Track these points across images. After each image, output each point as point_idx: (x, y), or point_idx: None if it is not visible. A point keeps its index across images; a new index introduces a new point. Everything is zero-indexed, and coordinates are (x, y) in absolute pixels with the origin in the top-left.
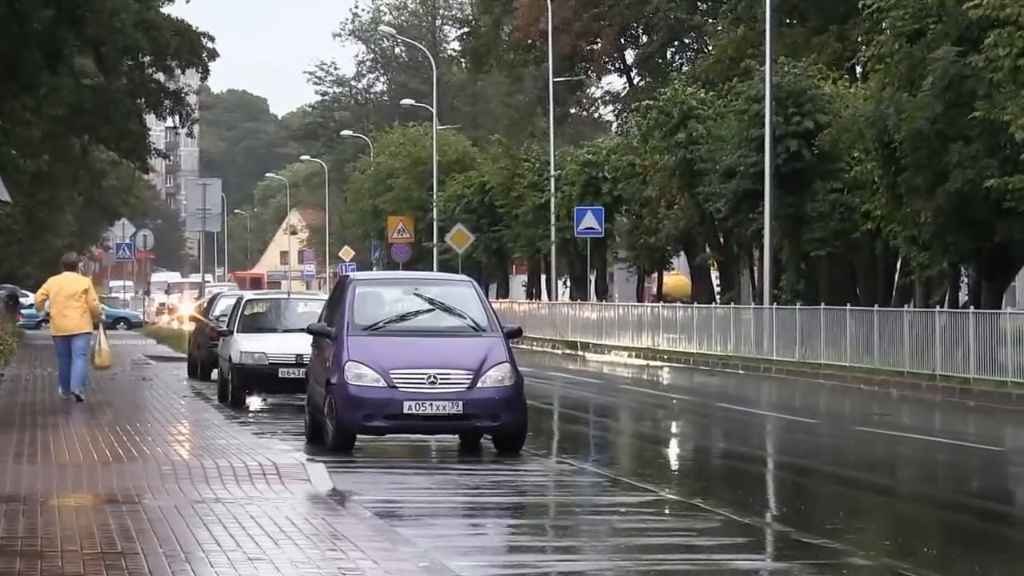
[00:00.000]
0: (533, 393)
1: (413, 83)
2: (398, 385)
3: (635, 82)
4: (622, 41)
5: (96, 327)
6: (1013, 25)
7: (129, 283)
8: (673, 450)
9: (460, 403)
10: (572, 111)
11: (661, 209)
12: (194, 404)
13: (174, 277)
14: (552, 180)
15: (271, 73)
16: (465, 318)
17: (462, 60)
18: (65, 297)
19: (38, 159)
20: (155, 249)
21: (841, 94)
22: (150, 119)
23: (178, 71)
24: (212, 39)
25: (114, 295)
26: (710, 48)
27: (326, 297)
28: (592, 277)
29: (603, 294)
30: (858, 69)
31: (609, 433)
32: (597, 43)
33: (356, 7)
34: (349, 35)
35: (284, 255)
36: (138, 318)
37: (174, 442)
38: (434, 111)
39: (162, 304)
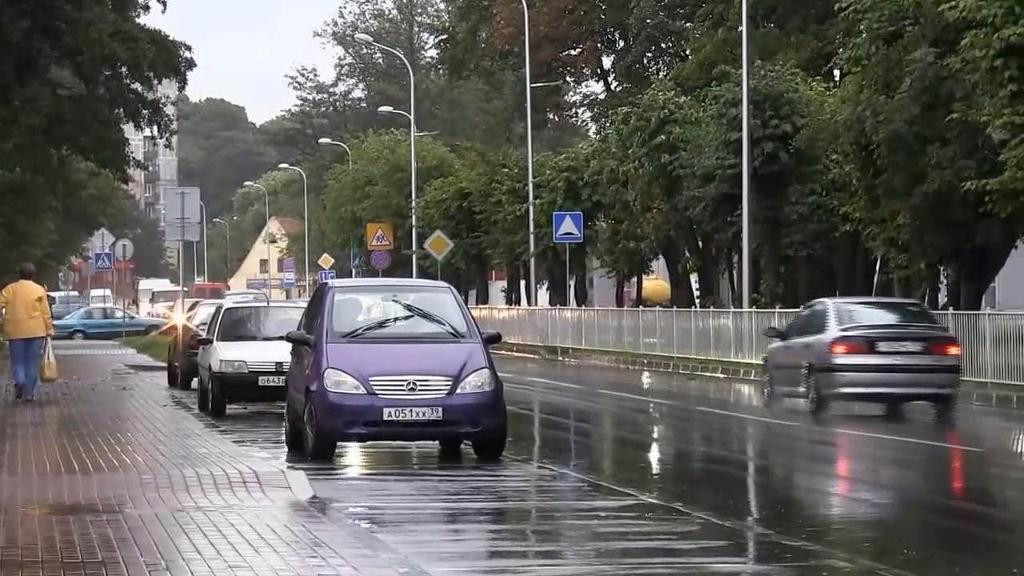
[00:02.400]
0: (513, 398)
1: (391, 90)
2: (378, 392)
3: (613, 87)
4: (599, 46)
5: (46, 337)
6: (989, 26)
7: (108, 292)
8: (654, 454)
9: (440, 409)
10: (550, 117)
11: (640, 213)
12: (174, 413)
13: (162, 284)
14: (531, 189)
15: (249, 82)
16: (444, 324)
17: (439, 67)
18: (24, 303)
19: (15, 170)
20: (135, 259)
21: (818, 97)
22: (128, 129)
23: (156, 81)
24: (189, 48)
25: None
26: (688, 53)
27: (304, 305)
28: (572, 282)
29: (583, 299)
30: (835, 72)
31: (589, 438)
32: (575, 49)
33: (342, 7)
34: (331, 36)
35: (264, 263)
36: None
37: (155, 451)
38: (412, 118)
39: (149, 315)
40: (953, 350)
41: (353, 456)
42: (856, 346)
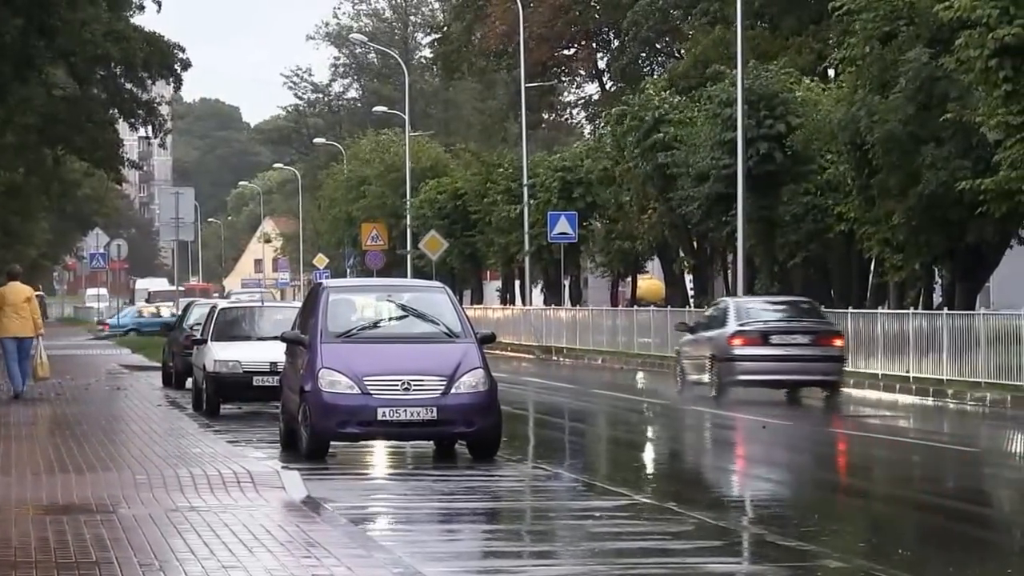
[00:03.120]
0: (507, 398)
1: (385, 90)
2: (372, 392)
3: (608, 87)
4: (594, 46)
5: (37, 337)
6: (984, 27)
7: (103, 291)
8: (648, 454)
9: (434, 409)
10: (545, 117)
11: (635, 214)
12: (169, 413)
13: (160, 284)
14: (525, 190)
15: (244, 82)
16: (438, 324)
17: (434, 67)
18: (14, 304)
19: (11, 171)
20: (129, 258)
21: (813, 97)
22: (123, 129)
23: (150, 82)
24: (183, 49)
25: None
26: (682, 53)
27: (298, 305)
28: (566, 282)
29: (577, 299)
30: (831, 72)
31: (584, 437)
32: (570, 49)
33: (336, 8)
34: (323, 38)
35: (258, 263)
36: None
37: (149, 451)
38: (406, 118)
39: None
40: (838, 342)
41: (347, 456)
42: (751, 339)
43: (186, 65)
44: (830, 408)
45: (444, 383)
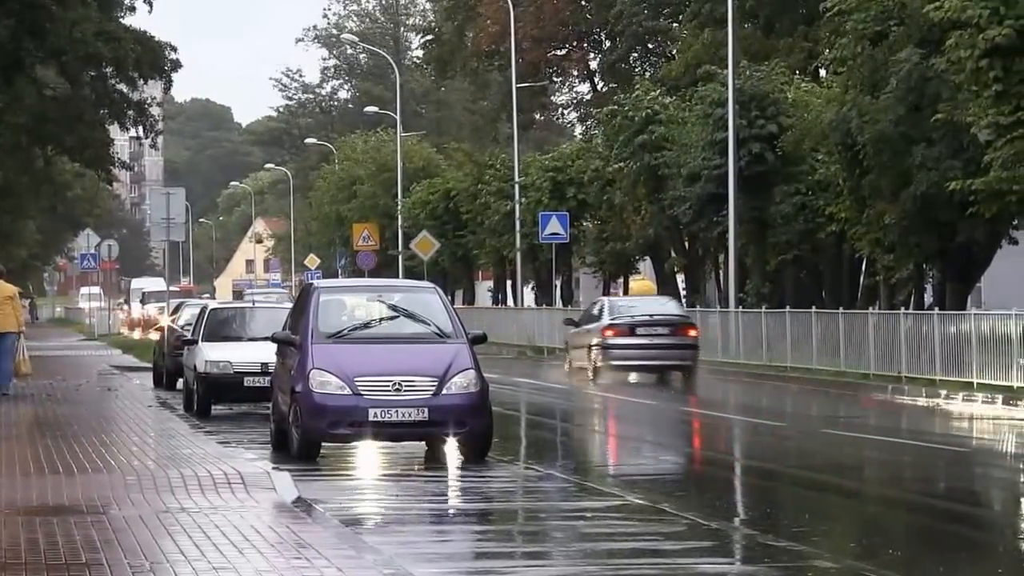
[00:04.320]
0: (499, 399)
1: (377, 90)
2: (363, 392)
3: (599, 88)
4: (585, 46)
5: (19, 335)
6: (974, 27)
7: (95, 290)
8: (640, 454)
9: (425, 410)
10: (537, 117)
11: (628, 215)
12: (159, 414)
13: (155, 284)
14: (517, 188)
15: (235, 82)
16: (429, 325)
17: (425, 67)
18: None
19: (1, 171)
20: (120, 259)
21: (804, 97)
22: (114, 130)
23: (141, 81)
24: (174, 50)
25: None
26: (674, 53)
27: (289, 305)
28: (558, 282)
29: (569, 299)
30: (822, 72)
31: (575, 438)
32: (561, 49)
33: (326, 9)
34: (313, 40)
35: (250, 263)
36: None
37: (139, 452)
38: (398, 118)
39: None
40: (692, 332)
41: (338, 457)
42: (621, 331)
43: (177, 65)
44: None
45: (435, 384)
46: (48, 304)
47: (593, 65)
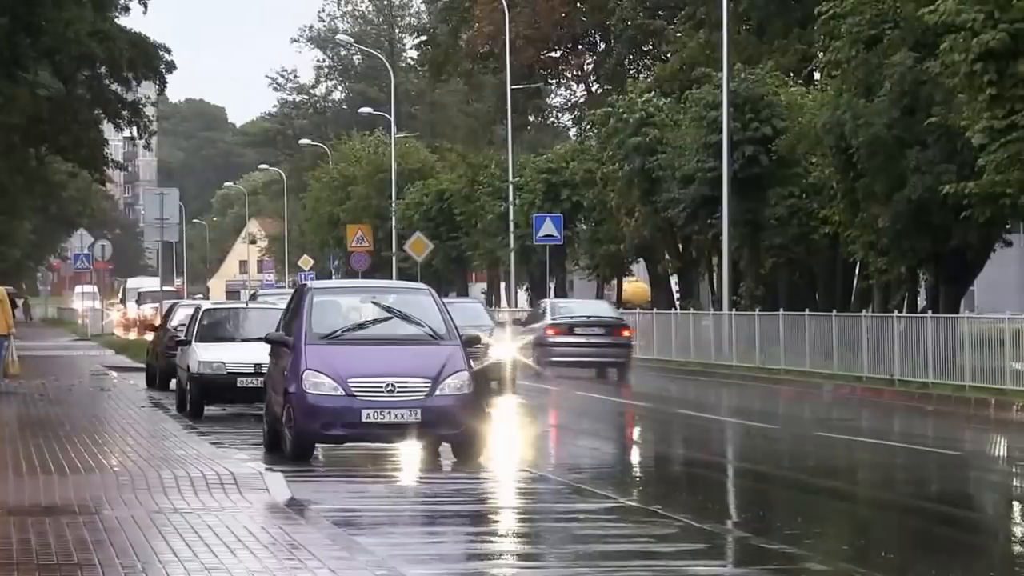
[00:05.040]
0: (491, 400)
1: (371, 91)
2: (356, 393)
3: (594, 90)
4: (580, 48)
5: (8, 337)
6: (969, 31)
7: (89, 288)
8: (633, 456)
9: (419, 411)
10: (531, 119)
11: (622, 217)
12: (152, 414)
13: (152, 284)
14: (511, 188)
15: (229, 82)
16: (423, 326)
17: (420, 68)
18: None
19: None
20: (114, 259)
21: (798, 100)
22: (108, 130)
23: (135, 82)
24: (168, 51)
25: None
26: (669, 55)
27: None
28: (551, 284)
29: None
30: (816, 75)
31: (569, 440)
32: (556, 51)
33: (321, 11)
34: (307, 41)
35: (243, 264)
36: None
37: (132, 452)
38: (392, 119)
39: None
40: (626, 333)
41: (331, 458)
42: (561, 330)
43: (171, 67)
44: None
45: (429, 385)
46: (41, 304)
47: (588, 67)
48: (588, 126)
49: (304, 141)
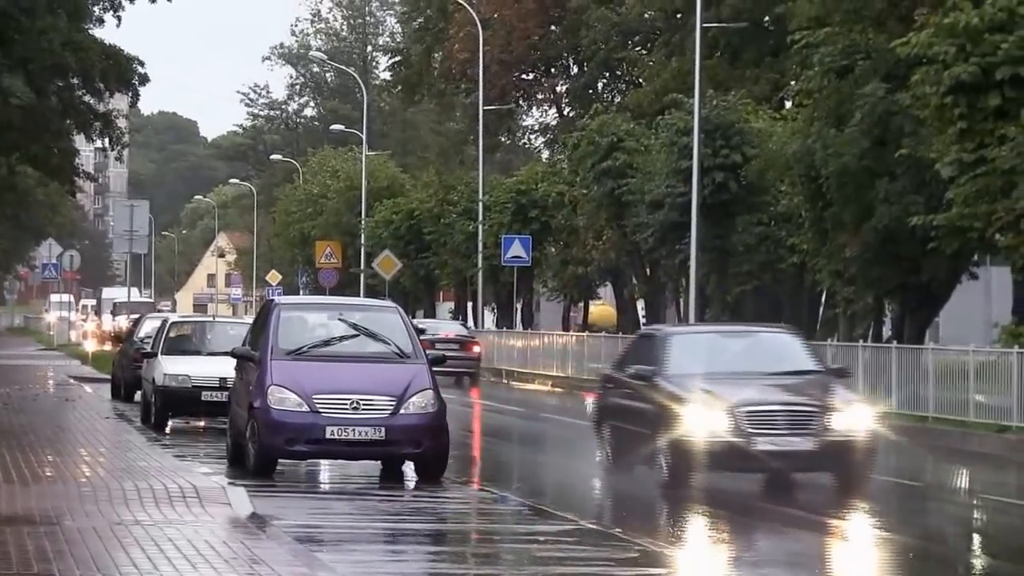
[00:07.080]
0: (456, 420)
1: (344, 109)
2: (321, 410)
3: (566, 113)
4: (552, 71)
5: None
6: (940, 64)
7: (66, 297)
8: (595, 479)
9: (383, 429)
10: (503, 140)
11: (590, 240)
12: (116, 426)
13: (129, 294)
14: (481, 208)
15: (201, 96)
16: (389, 344)
17: (393, 88)
18: None
19: None
20: (82, 270)
21: (769, 128)
22: (79, 141)
23: (107, 94)
24: (142, 64)
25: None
26: (641, 81)
27: (249, 320)
28: (518, 305)
29: (529, 322)
30: (787, 103)
31: (532, 461)
32: (529, 73)
33: (293, 26)
34: (279, 58)
35: (211, 278)
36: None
37: (95, 463)
38: (364, 137)
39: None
40: (476, 348)
41: (294, 473)
42: (424, 344)
43: (144, 79)
44: None
45: (393, 403)
46: (7, 313)
47: (560, 89)
48: (560, 147)
49: (275, 156)
